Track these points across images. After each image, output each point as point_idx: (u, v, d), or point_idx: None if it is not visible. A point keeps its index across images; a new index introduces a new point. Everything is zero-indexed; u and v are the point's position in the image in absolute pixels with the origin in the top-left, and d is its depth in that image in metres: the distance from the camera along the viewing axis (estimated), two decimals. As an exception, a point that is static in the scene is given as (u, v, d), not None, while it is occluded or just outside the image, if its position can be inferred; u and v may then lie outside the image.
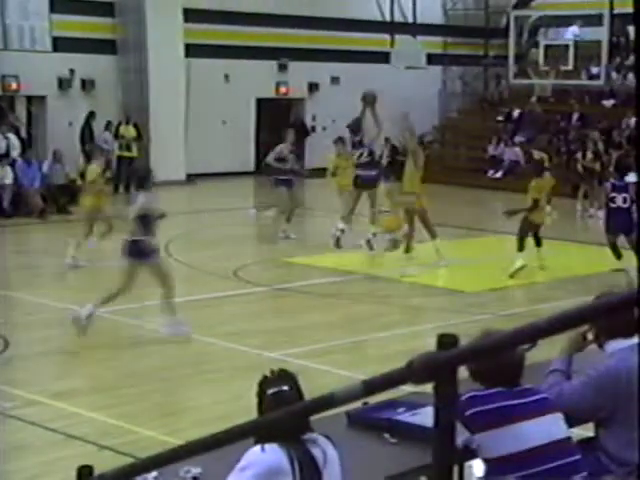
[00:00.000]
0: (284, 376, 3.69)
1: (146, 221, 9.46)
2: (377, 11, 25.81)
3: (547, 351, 4.38)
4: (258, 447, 3.43)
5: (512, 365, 3.94)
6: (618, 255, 12.82)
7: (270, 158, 16.04)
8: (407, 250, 13.63)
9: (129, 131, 22.10)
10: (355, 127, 15.18)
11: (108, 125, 22.36)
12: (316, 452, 3.51)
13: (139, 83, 22.90)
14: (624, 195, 12.92)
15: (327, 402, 2.34)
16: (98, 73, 22.52)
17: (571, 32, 25.62)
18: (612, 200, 13.00)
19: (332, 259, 13.70)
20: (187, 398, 8.40)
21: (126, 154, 21.97)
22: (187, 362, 9.05)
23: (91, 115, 22.16)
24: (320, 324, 10.54)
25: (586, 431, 4.67)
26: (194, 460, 3.56)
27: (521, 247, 13.21)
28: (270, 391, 3.59)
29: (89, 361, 9.30)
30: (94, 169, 13.76)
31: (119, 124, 22.21)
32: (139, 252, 9.40)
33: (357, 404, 4.37)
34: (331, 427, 4.21)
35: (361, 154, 14.95)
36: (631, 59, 26.01)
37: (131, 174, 21.40)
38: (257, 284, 12.39)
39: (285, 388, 3.59)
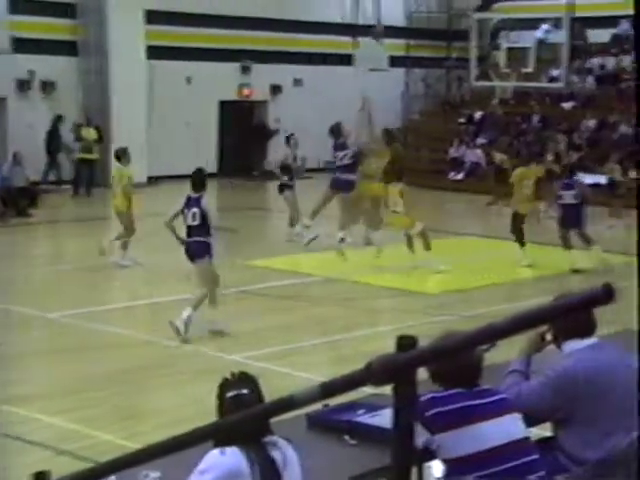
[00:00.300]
0: (244, 379, 3.67)
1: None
2: (339, 13, 25.85)
3: (506, 352, 4.40)
4: (217, 450, 3.41)
5: (471, 366, 3.95)
6: (568, 247, 13.68)
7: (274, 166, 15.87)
8: (427, 247, 13.49)
9: (90, 133, 21.95)
10: (336, 130, 15.18)
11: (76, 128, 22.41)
12: (276, 455, 3.50)
13: (100, 85, 22.74)
14: (572, 192, 13.72)
15: (286, 404, 2.33)
16: (58, 75, 22.35)
17: (543, 30, 25.82)
18: (561, 197, 13.88)
19: (291, 261, 13.70)
20: (147, 401, 8.34)
21: (87, 156, 21.82)
22: (147, 365, 9.00)
23: (59, 119, 22.10)
24: (280, 326, 10.52)
25: (544, 431, 4.70)
26: (153, 464, 3.53)
27: (522, 243, 13.62)
28: (229, 394, 3.58)
29: (48, 365, 9.21)
30: (127, 171, 14.11)
31: (79, 126, 22.06)
32: (210, 251, 10.00)
33: (317, 406, 4.36)
34: (291, 429, 4.20)
35: (345, 155, 14.92)
36: (590, 62, 26.30)
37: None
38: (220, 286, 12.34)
39: (245, 391, 3.57)
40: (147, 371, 8.82)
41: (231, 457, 3.40)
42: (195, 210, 9.97)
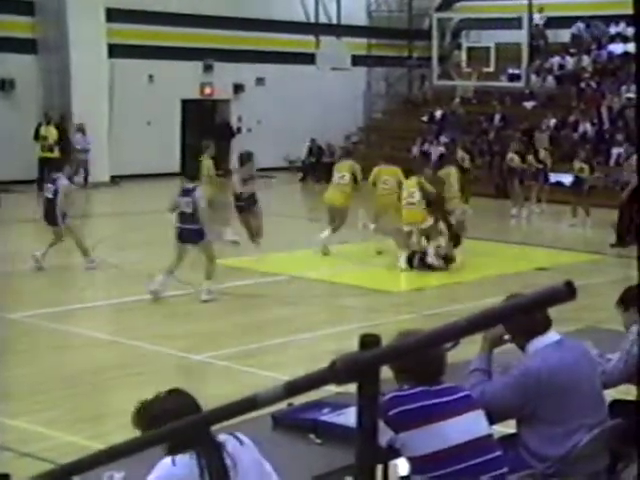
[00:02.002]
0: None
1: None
2: (302, 12, 25.86)
3: (470, 350, 4.43)
4: (169, 460, 3.38)
5: (433, 364, 3.97)
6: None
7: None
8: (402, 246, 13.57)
9: (50, 132, 21.77)
10: (246, 158, 14.03)
11: (80, 127, 22.60)
12: (226, 457, 3.46)
13: (61, 84, 22.56)
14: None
15: (250, 404, 2.33)
16: (18, 73, 22.13)
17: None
18: None
19: (257, 261, 13.67)
20: (111, 402, 8.28)
21: (48, 155, 21.64)
22: (111, 365, 8.94)
23: (62, 118, 22.14)
24: (245, 326, 10.51)
25: (508, 428, 4.73)
26: (117, 464, 3.51)
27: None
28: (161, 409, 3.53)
29: (9, 366, 9.11)
30: (208, 162, 14.92)
31: (39, 125, 21.87)
32: (203, 235, 11.32)
33: (282, 405, 4.36)
34: (256, 429, 4.20)
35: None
36: (550, 61, 26.53)
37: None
38: (182, 286, 12.29)
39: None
40: (111, 371, 8.76)
41: (182, 468, 3.38)
42: (188, 199, 11.16)
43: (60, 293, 12.21)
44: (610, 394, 5.12)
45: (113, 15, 22.94)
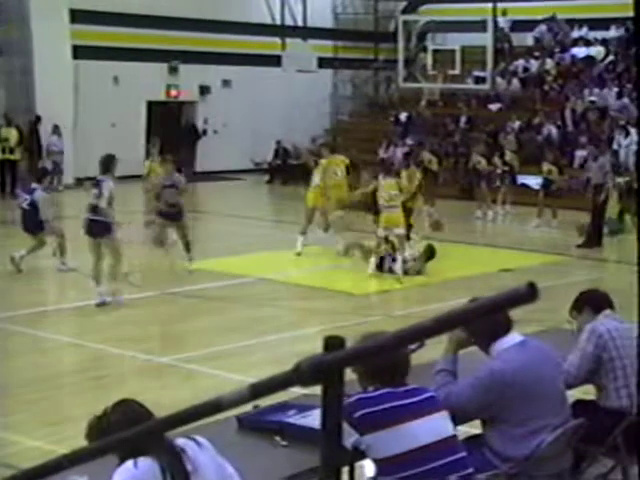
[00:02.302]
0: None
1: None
2: (268, 14, 25.84)
3: (435, 351, 4.45)
4: (131, 463, 3.35)
5: (398, 365, 3.98)
6: None
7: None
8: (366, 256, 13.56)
9: (11, 134, 21.58)
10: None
11: (55, 129, 22.52)
12: (186, 461, 3.44)
13: (25, 85, 22.37)
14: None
15: (215, 406, 2.32)
16: (-20, 74, 21.93)
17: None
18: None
19: (222, 263, 13.64)
20: (76, 405, 8.21)
21: (9, 157, 21.47)
22: (75, 369, 8.88)
23: (37, 120, 21.92)
24: (210, 328, 10.48)
25: (473, 429, 4.76)
26: (80, 469, 3.48)
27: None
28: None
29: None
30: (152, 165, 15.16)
31: (0, 127, 21.69)
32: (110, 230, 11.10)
33: (248, 407, 4.35)
34: (221, 431, 4.19)
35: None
36: (514, 64, 26.70)
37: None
38: (147, 289, 12.24)
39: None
40: (75, 375, 8.70)
41: (144, 470, 3.35)
42: (96, 191, 11.07)
43: (23, 296, 12.10)
44: (572, 394, 5.16)
45: (77, 16, 22.78)
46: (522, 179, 21.16)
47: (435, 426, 3.97)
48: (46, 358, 9.25)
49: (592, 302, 5.32)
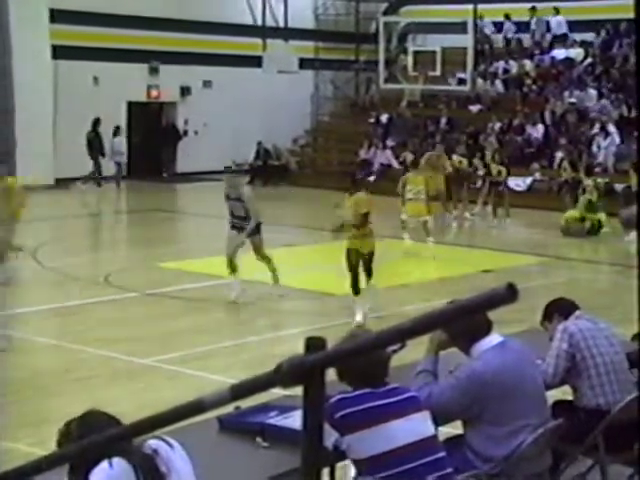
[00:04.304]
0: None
1: None
2: (249, 15, 25.82)
3: (417, 352, 4.46)
4: (105, 464, 3.35)
5: (379, 365, 3.99)
6: None
7: None
8: None
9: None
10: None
11: (117, 131, 23.28)
12: (159, 462, 3.43)
13: (4, 85, 22.22)
14: None
15: (196, 407, 2.32)
16: (-40, 74, 21.77)
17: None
18: None
19: (204, 264, 13.62)
20: (54, 407, 8.18)
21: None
22: (55, 370, 8.84)
23: (97, 122, 22.36)
24: (192, 329, 10.46)
25: (454, 429, 4.78)
26: (59, 471, 3.48)
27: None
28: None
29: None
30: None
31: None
32: None
33: (229, 409, 4.35)
34: (202, 433, 4.19)
35: None
36: (494, 66, 26.79)
37: None
38: (128, 289, 12.21)
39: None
40: (54, 376, 8.66)
41: (119, 469, 3.35)
42: None
43: (2, 297, 12.03)
44: (552, 395, 5.20)
45: (57, 16, 22.68)
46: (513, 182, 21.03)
47: (415, 426, 3.99)
48: (25, 359, 9.20)
49: (560, 309, 5.48)
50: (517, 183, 20.34)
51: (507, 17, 27.52)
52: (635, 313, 3.44)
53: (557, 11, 26.59)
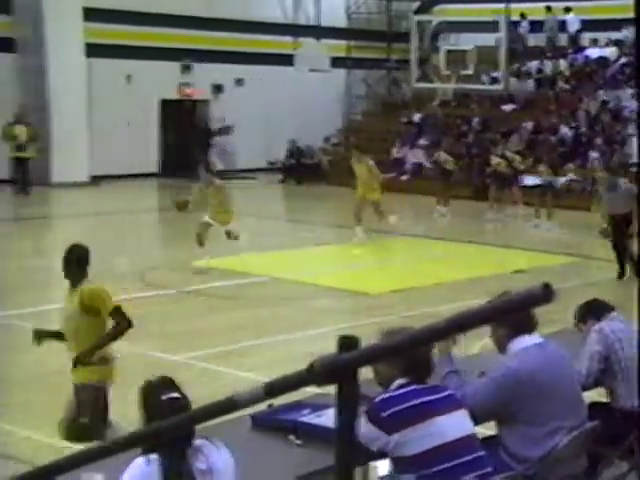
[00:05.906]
0: (171, 383, 3.62)
1: None
2: (281, 13, 25.85)
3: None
4: (142, 460, 3.36)
5: (425, 363, 3.99)
6: None
7: None
8: None
9: (22, 132, 21.60)
10: None
11: (227, 129, 24.01)
12: (199, 463, 3.43)
13: (38, 83, 22.43)
14: None
15: (229, 405, 2.33)
16: (-5, 72, 22.00)
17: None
18: None
19: (236, 261, 13.65)
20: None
21: (20, 155, 21.53)
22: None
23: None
24: (224, 327, 10.49)
25: (487, 430, 4.75)
26: (96, 465, 3.50)
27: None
28: (164, 397, 3.51)
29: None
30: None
31: (10, 125, 21.68)
32: None
33: (262, 406, 4.36)
34: (235, 430, 4.20)
35: None
36: (528, 65, 26.64)
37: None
38: (162, 287, 12.27)
39: (177, 395, 3.52)
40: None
41: (155, 467, 3.36)
42: None
43: (34, 294, 12.13)
44: (589, 396, 5.17)
45: (90, 14, 22.84)
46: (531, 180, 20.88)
47: (459, 423, 3.97)
48: (55, 355, 9.25)
49: (594, 310, 5.47)
50: (530, 179, 20.03)
51: (548, 10, 27.33)
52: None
53: (568, 10, 26.49)
